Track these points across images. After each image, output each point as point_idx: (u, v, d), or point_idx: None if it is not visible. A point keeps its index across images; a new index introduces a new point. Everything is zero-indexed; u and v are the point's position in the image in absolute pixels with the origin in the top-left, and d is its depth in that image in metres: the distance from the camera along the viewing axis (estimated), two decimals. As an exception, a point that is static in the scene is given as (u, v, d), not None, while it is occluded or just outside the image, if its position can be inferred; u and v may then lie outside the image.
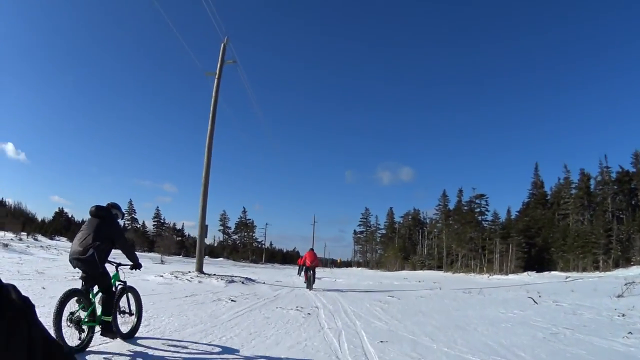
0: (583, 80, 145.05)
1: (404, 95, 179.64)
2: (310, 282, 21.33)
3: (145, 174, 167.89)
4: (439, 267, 69.00)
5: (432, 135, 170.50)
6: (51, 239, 72.00)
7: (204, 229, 23.56)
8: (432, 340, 8.30)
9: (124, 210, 7.81)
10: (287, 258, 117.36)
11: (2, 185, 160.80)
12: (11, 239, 45.09)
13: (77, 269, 6.56)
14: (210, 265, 49.57)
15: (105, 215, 6.87)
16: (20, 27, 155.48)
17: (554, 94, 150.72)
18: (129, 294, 7.54)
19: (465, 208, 68.91)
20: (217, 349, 6.98)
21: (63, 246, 55.06)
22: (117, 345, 6.68)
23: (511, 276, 45.41)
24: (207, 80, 24.83)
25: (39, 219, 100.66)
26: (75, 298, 6.28)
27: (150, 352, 6.60)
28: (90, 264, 6.40)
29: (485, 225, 64.70)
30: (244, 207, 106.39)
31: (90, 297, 6.45)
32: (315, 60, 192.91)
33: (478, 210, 66.12)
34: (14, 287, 0.62)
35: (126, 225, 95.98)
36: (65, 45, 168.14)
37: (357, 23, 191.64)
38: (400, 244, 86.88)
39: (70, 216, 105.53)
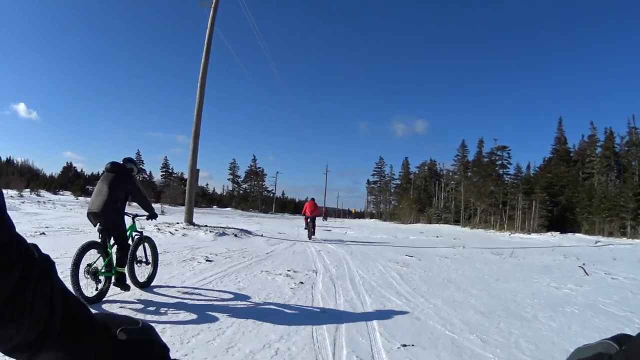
0: (612, 39, 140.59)
1: (422, 50, 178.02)
2: (310, 231, 21.71)
3: (157, 127, 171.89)
4: (456, 222, 66.05)
5: (449, 90, 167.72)
6: (55, 193, 73.79)
7: (194, 175, 20.69)
8: (484, 342, 5.33)
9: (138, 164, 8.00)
10: (299, 208, 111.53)
11: (15, 145, 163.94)
12: (11, 196, 44.25)
13: (95, 222, 6.74)
14: (214, 215, 48.19)
15: (119, 169, 7.10)
16: None
17: (582, 52, 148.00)
18: (146, 244, 7.82)
19: (486, 160, 64.82)
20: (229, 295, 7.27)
21: (64, 200, 55.20)
22: (133, 293, 6.88)
23: (534, 235, 42.16)
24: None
25: (47, 175, 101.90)
26: (93, 250, 6.42)
27: (164, 299, 6.72)
28: (107, 217, 6.68)
29: (506, 179, 61.12)
30: (254, 155, 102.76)
31: (108, 248, 6.65)
32: (329, 14, 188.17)
33: (499, 163, 62.02)
34: (35, 245, 0.63)
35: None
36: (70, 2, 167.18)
37: None
38: (415, 196, 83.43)
39: (79, 170, 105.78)
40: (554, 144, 64.38)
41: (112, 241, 6.76)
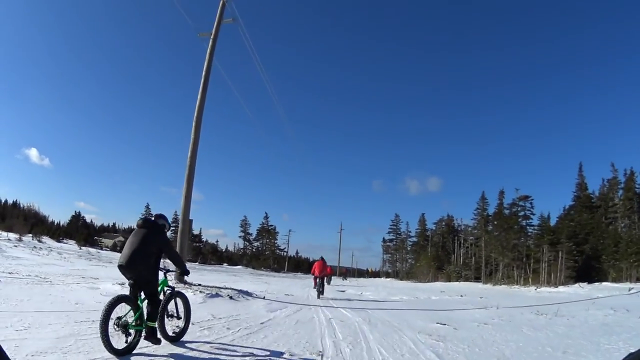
0: (628, 78, 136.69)
1: (433, 99, 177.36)
2: (319, 290, 21.82)
3: (170, 182, 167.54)
4: (477, 279, 62.38)
5: (462, 140, 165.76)
6: (58, 241, 70.29)
7: (187, 224, 18.24)
8: None
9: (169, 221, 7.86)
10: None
11: (26, 190, 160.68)
12: (8, 239, 42.22)
13: (126, 275, 6.78)
14: (221, 273, 45.64)
15: (152, 225, 7.17)
16: (38, 33, 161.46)
17: (597, 92, 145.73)
18: (177, 299, 7.82)
19: (507, 212, 61.70)
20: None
21: (65, 248, 52.71)
22: (163, 347, 6.89)
23: (562, 289, 38.99)
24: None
25: (55, 222, 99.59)
26: (123, 303, 6.41)
27: (194, 354, 6.76)
28: (137, 272, 6.72)
29: (530, 231, 57.97)
30: (265, 213, 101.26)
31: (138, 302, 6.66)
32: (339, 61, 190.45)
33: (522, 214, 59.01)
34: None
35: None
36: (85, 46, 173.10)
37: (385, 22, 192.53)
38: (433, 253, 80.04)
39: (89, 221, 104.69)
40: (575, 191, 61.80)
41: (142, 295, 6.84)
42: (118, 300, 6.32)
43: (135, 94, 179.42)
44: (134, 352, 6.33)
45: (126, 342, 6.26)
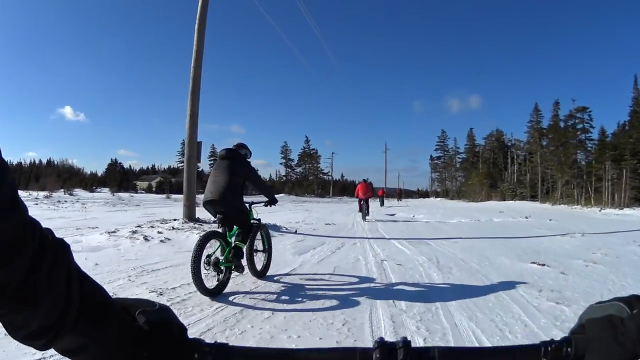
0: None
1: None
2: (364, 212, 21.70)
3: (212, 118, 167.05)
4: (533, 197, 58.39)
5: (507, 47, 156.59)
6: (92, 191, 72.44)
7: (194, 149, 14.96)
8: None
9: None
10: None
11: (66, 147, 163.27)
12: (36, 197, 40.84)
13: (215, 210, 6.60)
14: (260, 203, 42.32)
15: (235, 155, 6.94)
16: None
17: None
18: (261, 232, 7.61)
19: (564, 124, 56.19)
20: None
21: (97, 197, 51.94)
22: (253, 283, 6.83)
23: (627, 210, 34.76)
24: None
25: (91, 173, 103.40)
26: (214, 240, 6.27)
27: (285, 287, 6.64)
28: (228, 204, 6.52)
29: (589, 146, 52.66)
30: (306, 136, 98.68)
31: (228, 238, 6.50)
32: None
33: (580, 127, 53.32)
34: (49, 229, 0.63)
35: (181, 166, 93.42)
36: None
37: None
38: (484, 170, 74.78)
39: (128, 166, 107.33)
40: (632, 105, 55.37)
41: (232, 229, 6.65)
42: (208, 236, 6.15)
43: (169, 29, 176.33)
44: (225, 291, 6.07)
45: (218, 280, 6.11)
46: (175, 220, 13.96)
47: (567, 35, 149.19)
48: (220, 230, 6.51)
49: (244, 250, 6.72)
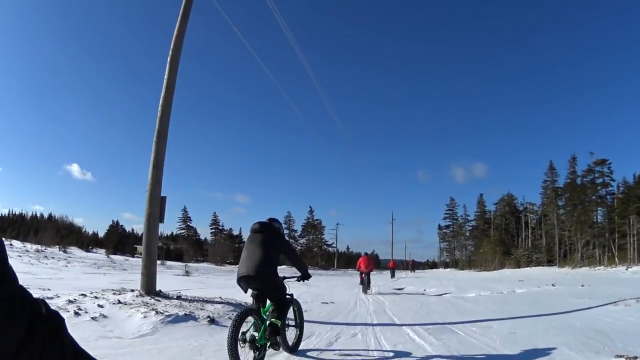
0: None
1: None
2: (365, 285, 21.76)
3: (217, 187, 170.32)
4: (549, 262, 54.71)
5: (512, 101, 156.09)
6: (87, 250, 71.41)
7: (156, 205, 12.18)
8: None
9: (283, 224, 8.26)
10: None
11: (72, 206, 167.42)
12: (26, 250, 41.96)
13: (249, 288, 6.52)
14: None
15: (270, 229, 6.88)
16: (72, 48, 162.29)
17: None
18: (293, 306, 7.43)
19: (583, 180, 53.04)
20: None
21: (90, 257, 51.49)
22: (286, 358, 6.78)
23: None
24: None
25: (90, 232, 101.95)
26: (249, 317, 6.21)
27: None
28: (266, 280, 6.40)
29: (609, 200, 49.46)
30: (310, 207, 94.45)
31: (262, 314, 6.39)
32: (381, 62, 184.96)
33: (600, 181, 50.34)
34: (44, 301, 0.62)
35: (181, 233, 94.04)
36: (118, 62, 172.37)
37: (425, 23, 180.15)
38: (497, 237, 71.12)
39: (131, 230, 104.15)
40: None
41: (266, 305, 6.57)
42: (245, 314, 6.04)
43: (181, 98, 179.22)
44: None
45: (254, 358, 6.00)
46: (131, 291, 11.17)
47: (573, 87, 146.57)
48: (254, 307, 6.36)
49: (279, 326, 6.39)
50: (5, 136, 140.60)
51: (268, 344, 6.21)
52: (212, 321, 8.95)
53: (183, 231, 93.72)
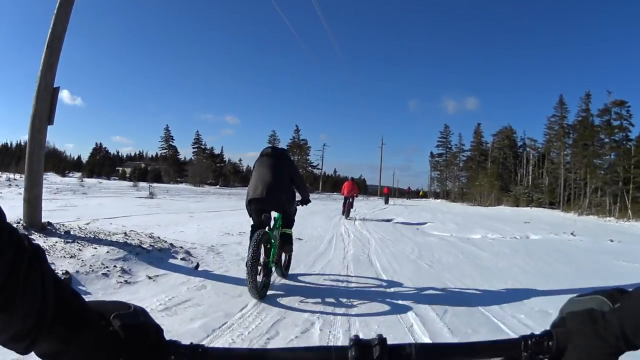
0: None
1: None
2: (347, 210, 21.68)
3: (207, 108, 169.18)
4: (551, 205, 50.98)
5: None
6: (64, 175, 71.89)
7: (47, 98, 7.91)
8: None
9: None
10: None
11: (62, 131, 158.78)
12: None
13: (263, 208, 6.34)
14: (223, 197, 36.51)
15: (281, 153, 6.93)
16: None
17: None
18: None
19: (597, 120, 48.05)
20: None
21: (56, 182, 48.12)
22: (284, 284, 6.66)
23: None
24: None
25: (73, 156, 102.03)
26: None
27: (311, 285, 6.66)
28: (280, 202, 6.44)
29: (627, 145, 44.51)
30: (296, 125, 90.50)
31: (271, 238, 6.27)
32: None
33: (617, 123, 45.21)
34: (25, 235, 0.64)
35: (163, 153, 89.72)
36: None
37: None
38: (495, 170, 66.44)
39: (115, 153, 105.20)
40: None
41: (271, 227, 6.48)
42: (264, 236, 5.82)
43: (170, 16, 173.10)
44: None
45: (263, 283, 5.83)
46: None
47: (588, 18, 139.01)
48: (267, 230, 6.12)
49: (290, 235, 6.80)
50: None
51: (274, 267, 6.25)
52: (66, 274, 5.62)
53: (165, 151, 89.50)
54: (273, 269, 6.24)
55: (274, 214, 6.52)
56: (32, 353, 0.64)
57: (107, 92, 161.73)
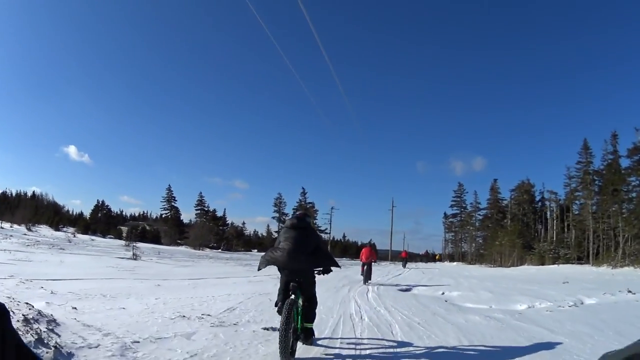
0: None
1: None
2: (365, 276, 21.50)
3: (215, 172, 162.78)
4: (579, 260, 47.06)
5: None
6: (57, 230, 70.13)
7: None
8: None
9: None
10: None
11: (69, 188, 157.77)
12: None
13: (289, 281, 6.53)
14: (228, 263, 35.66)
15: (306, 225, 7.03)
16: (71, 32, 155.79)
17: None
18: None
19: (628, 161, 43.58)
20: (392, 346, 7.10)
21: (44, 234, 50.61)
22: (310, 349, 6.68)
23: None
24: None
25: (73, 212, 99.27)
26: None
27: (337, 352, 6.70)
28: (306, 274, 6.63)
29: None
30: (303, 188, 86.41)
31: (299, 305, 6.53)
32: (388, 62, 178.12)
33: None
34: None
35: (164, 214, 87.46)
36: (116, 47, 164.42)
37: (426, 25, 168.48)
38: (516, 227, 61.43)
39: (119, 211, 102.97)
40: None
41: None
42: (292, 305, 6.04)
43: (175, 80, 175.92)
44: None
45: (292, 349, 5.98)
46: None
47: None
48: (295, 298, 6.26)
49: (313, 319, 6.84)
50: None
51: (302, 336, 6.44)
52: None
53: (167, 212, 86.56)
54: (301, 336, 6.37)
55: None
56: None
57: (115, 152, 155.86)
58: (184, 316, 8.16)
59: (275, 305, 6.71)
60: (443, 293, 17.03)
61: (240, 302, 10.57)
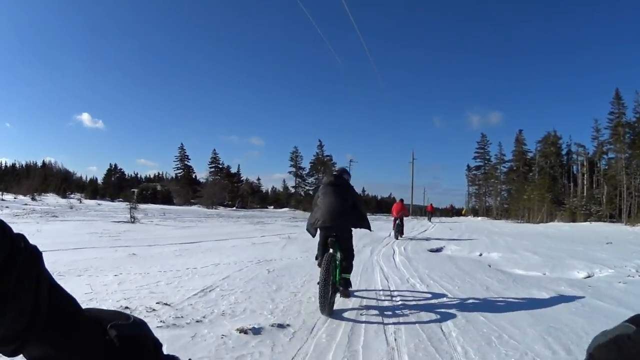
0: None
1: None
2: (397, 230, 21.47)
3: (231, 130, 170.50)
4: (611, 218, 44.65)
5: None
6: (64, 197, 68.62)
7: None
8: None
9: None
10: (381, 206, 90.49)
11: (85, 155, 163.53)
12: None
13: (327, 236, 6.74)
14: (241, 221, 31.41)
15: (343, 182, 7.21)
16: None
17: None
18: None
19: None
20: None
21: (49, 202, 49.22)
22: (348, 301, 6.75)
23: None
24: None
25: (85, 178, 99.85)
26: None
27: (372, 302, 6.89)
28: (344, 229, 6.83)
29: None
30: (319, 140, 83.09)
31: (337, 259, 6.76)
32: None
33: None
34: (22, 235, 0.63)
35: (178, 173, 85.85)
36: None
37: None
38: (545, 181, 57.68)
39: (133, 174, 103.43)
40: None
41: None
42: (331, 259, 6.28)
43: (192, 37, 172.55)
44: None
45: (330, 302, 6.08)
46: None
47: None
48: (333, 253, 6.56)
49: (350, 270, 6.93)
50: (11, 90, 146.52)
51: (340, 289, 6.62)
52: None
53: (180, 171, 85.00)
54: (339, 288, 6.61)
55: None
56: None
57: (130, 116, 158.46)
58: (127, 307, 5.83)
59: (316, 259, 7.05)
60: (481, 254, 14.97)
61: (226, 277, 8.19)
